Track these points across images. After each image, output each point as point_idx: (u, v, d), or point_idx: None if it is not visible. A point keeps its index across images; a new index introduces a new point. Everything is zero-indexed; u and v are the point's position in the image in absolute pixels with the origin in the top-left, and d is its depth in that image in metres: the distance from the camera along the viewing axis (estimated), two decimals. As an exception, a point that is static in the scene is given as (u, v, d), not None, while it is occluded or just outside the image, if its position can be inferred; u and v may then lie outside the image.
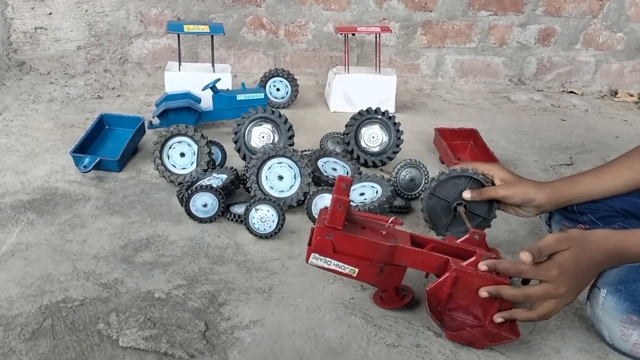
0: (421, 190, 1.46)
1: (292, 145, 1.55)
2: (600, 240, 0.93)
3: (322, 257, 0.96)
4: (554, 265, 0.90)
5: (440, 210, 1.16)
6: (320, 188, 1.33)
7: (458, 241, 1.00)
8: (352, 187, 1.38)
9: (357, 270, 0.97)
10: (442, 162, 1.71)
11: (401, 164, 1.46)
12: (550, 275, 0.90)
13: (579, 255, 0.90)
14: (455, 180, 1.13)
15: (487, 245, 1.00)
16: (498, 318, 0.94)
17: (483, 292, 0.92)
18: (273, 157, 1.36)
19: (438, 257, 0.96)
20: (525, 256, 0.89)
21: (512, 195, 1.09)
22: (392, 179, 1.45)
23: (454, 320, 0.97)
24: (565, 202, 1.13)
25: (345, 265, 0.97)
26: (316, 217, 1.31)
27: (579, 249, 0.91)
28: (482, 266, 0.92)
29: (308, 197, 1.33)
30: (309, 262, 0.97)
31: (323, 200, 1.32)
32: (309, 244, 0.98)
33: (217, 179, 1.39)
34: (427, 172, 1.47)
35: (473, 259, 0.94)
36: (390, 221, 0.98)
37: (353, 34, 2.24)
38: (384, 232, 0.98)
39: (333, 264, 0.97)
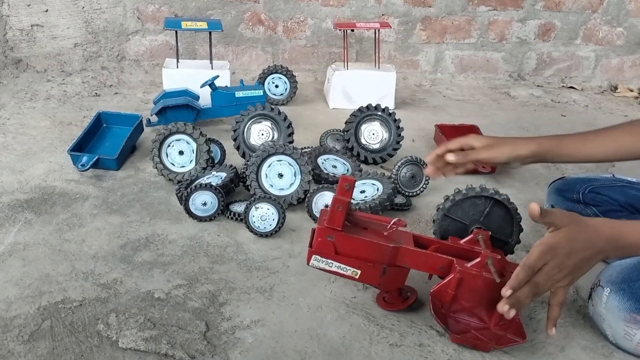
0: (422, 187, 1.45)
1: (291, 142, 1.54)
2: (598, 225, 0.90)
3: (324, 259, 0.95)
4: (545, 246, 0.87)
5: (455, 232, 1.05)
6: (320, 186, 1.32)
7: (462, 242, 0.99)
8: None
9: (359, 272, 0.96)
10: (443, 159, 1.70)
11: (402, 161, 1.45)
12: (543, 260, 0.86)
13: (574, 237, 0.88)
14: (473, 200, 1.04)
15: (491, 246, 0.98)
16: (504, 307, 0.88)
17: (502, 306, 0.88)
18: (273, 154, 1.35)
19: (442, 258, 0.95)
20: (534, 205, 0.87)
21: (498, 156, 1.04)
22: (393, 176, 1.44)
23: (459, 323, 0.96)
24: (549, 159, 1.10)
25: (347, 267, 0.95)
26: (316, 215, 1.30)
27: (576, 227, 0.88)
28: (506, 291, 0.87)
29: (308, 195, 1.32)
30: (310, 264, 0.96)
31: (323, 198, 1.31)
32: (310, 245, 0.96)
33: (216, 177, 1.38)
34: (428, 169, 1.46)
35: (478, 260, 0.92)
36: (392, 222, 0.96)
37: (352, 30, 2.23)
38: (386, 233, 0.96)
39: (335, 265, 0.95)
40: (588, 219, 0.92)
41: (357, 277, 0.96)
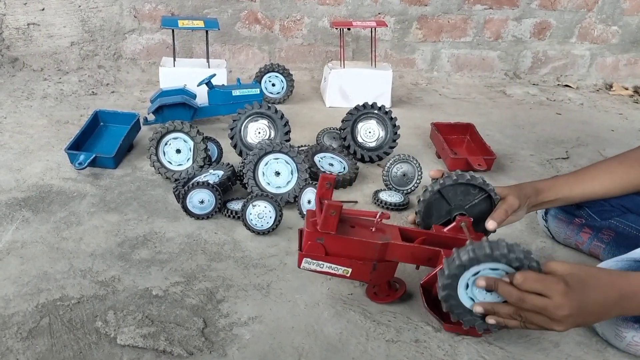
0: (414, 185, 1.46)
1: (288, 140, 1.54)
2: (614, 277, 0.86)
3: (315, 261, 0.96)
4: (561, 280, 0.81)
5: (435, 209, 1.06)
6: (305, 183, 1.33)
7: (445, 230, 1.00)
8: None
9: (350, 270, 0.97)
10: (439, 157, 1.71)
11: (392, 159, 1.46)
12: (555, 289, 0.81)
13: (586, 282, 0.82)
14: (468, 188, 1.04)
15: (474, 232, 1.00)
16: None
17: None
18: (270, 153, 1.35)
19: (429, 249, 0.97)
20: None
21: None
22: (384, 175, 1.45)
23: None
24: (542, 205, 1.11)
25: (338, 267, 0.97)
26: (305, 213, 1.31)
27: (586, 274, 0.83)
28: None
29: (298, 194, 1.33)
30: (301, 267, 0.97)
31: (307, 195, 1.32)
32: (300, 249, 0.97)
33: (213, 175, 1.39)
34: (420, 166, 1.47)
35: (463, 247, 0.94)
36: (378, 216, 0.97)
37: (348, 29, 2.24)
38: (373, 229, 0.97)
39: (326, 266, 0.97)
40: (602, 269, 0.88)
41: (348, 275, 0.98)
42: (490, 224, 0.99)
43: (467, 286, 0.87)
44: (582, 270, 0.84)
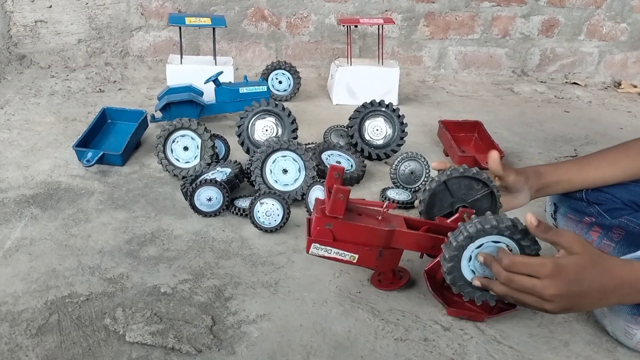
0: (423, 182, 1.46)
1: (295, 138, 1.54)
2: (616, 265, 0.84)
3: (323, 247, 0.98)
4: (550, 263, 0.82)
5: (439, 200, 1.07)
6: (313, 181, 1.33)
7: (449, 221, 1.03)
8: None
9: (357, 256, 0.99)
10: (447, 155, 1.70)
11: (400, 157, 1.45)
12: (542, 271, 0.82)
13: (585, 267, 0.82)
14: (472, 182, 1.06)
15: None
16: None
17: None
18: (277, 150, 1.35)
19: (433, 237, 0.99)
20: (530, 217, 0.85)
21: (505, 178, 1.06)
22: (392, 173, 1.45)
23: (453, 297, 1.00)
24: (547, 185, 1.12)
25: (346, 253, 0.99)
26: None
27: (589, 260, 0.83)
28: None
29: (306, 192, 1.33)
30: (309, 252, 0.99)
31: (315, 192, 1.33)
32: (309, 234, 0.99)
33: (221, 173, 1.39)
34: (428, 164, 1.46)
35: None
36: (384, 206, 1.00)
37: (355, 26, 2.23)
38: (380, 218, 1.00)
39: (333, 252, 0.98)
40: (607, 256, 0.87)
41: (355, 261, 1.00)
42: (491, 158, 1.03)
43: (470, 258, 0.91)
44: (586, 255, 0.83)
